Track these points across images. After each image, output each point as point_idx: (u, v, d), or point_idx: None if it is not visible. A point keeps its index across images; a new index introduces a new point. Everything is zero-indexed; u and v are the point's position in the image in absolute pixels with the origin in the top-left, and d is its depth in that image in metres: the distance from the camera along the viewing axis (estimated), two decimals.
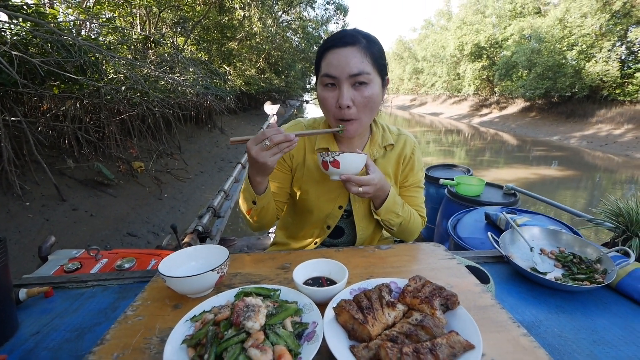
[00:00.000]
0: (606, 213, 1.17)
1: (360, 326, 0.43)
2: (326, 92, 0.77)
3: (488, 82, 18.77)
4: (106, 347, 0.47)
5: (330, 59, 0.75)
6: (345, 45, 0.74)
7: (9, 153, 3.00)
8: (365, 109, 0.77)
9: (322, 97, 0.79)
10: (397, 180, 0.95)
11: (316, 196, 0.90)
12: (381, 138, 0.91)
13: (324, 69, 0.76)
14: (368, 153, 0.89)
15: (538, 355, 0.42)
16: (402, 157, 0.93)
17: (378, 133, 0.92)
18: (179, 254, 0.65)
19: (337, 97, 0.76)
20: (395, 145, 0.93)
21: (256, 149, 0.67)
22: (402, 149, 0.93)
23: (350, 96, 0.75)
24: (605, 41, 11.25)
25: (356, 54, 0.73)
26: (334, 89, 0.76)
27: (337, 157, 0.70)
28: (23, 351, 0.64)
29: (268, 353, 0.38)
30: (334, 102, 0.77)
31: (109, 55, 3.27)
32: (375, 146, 0.90)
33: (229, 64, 9.71)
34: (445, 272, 0.65)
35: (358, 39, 0.75)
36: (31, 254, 2.60)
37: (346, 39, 0.75)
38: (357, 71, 0.73)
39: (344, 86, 0.74)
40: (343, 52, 0.74)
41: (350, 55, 0.73)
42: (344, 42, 0.74)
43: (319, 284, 0.59)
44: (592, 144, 10.10)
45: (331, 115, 0.79)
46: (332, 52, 0.75)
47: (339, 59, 0.74)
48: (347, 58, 0.73)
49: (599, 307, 0.76)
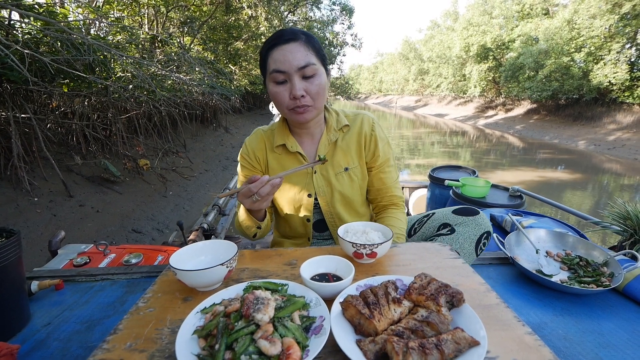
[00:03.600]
0: (614, 216, 1.16)
1: (366, 321, 0.44)
2: (278, 87, 0.81)
3: (494, 83, 18.60)
4: (119, 336, 0.48)
5: (276, 56, 0.78)
6: (287, 42, 0.78)
7: (19, 149, 3.06)
8: (318, 97, 0.82)
9: (274, 93, 0.82)
10: (363, 160, 0.97)
11: (285, 190, 0.95)
12: (336, 122, 0.95)
13: (272, 65, 0.79)
14: (326, 139, 0.93)
15: (542, 353, 0.42)
16: (362, 136, 0.95)
17: (332, 118, 0.95)
18: (188, 249, 0.66)
19: (289, 90, 0.79)
20: (351, 126, 0.96)
21: (248, 202, 0.73)
22: (360, 127, 0.96)
23: (302, 87, 0.79)
24: (614, 43, 11.08)
25: (299, 48, 0.78)
26: (285, 83, 0.80)
27: (375, 250, 0.65)
28: (35, 341, 0.66)
29: (277, 344, 0.39)
30: (287, 95, 0.80)
31: (117, 54, 3.32)
32: (331, 131, 0.94)
33: (234, 64, 9.77)
34: (451, 270, 0.65)
35: (298, 35, 0.79)
36: (39, 248, 2.64)
37: (286, 36, 0.79)
38: (305, 63, 0.77)
39: (295, 78, 0.78)
40: (287, 47, 0.77)
41: (294, 50, 0.77)
42: (285, 40, 0.78)
43: (325, 279, 0.60)
44: (599, 147, 9.96)
45: (285, 107, 0.83)
46: (276, 49, 0.79)
47: (284, 54, 0.77)
48: (292, 53, 0.77)
49: (605, 311, 0.76)
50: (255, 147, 0.97)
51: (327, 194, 0.95)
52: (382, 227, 0.74)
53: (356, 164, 0.96)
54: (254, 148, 0.97)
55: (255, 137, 0.99)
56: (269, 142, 0.97)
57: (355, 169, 0.96)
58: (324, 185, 0.95)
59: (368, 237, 0.70)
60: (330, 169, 0.94)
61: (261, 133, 0.99)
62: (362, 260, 0.67)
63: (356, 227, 0.75)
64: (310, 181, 0.94)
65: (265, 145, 0.97)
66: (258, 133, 0.99)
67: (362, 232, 0.72)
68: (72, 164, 3.79)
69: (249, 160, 0.98)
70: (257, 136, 0.99)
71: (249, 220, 0.86)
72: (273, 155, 0.96)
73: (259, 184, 0.70)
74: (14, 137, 3.00)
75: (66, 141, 4.03)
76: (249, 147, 0.98)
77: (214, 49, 8.55)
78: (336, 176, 0.94)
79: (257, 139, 0.98)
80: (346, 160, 0.95)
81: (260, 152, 0.97)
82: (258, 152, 0.97)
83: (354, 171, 0.96)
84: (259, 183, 0.70)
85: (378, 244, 0.64)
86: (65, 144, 4.01)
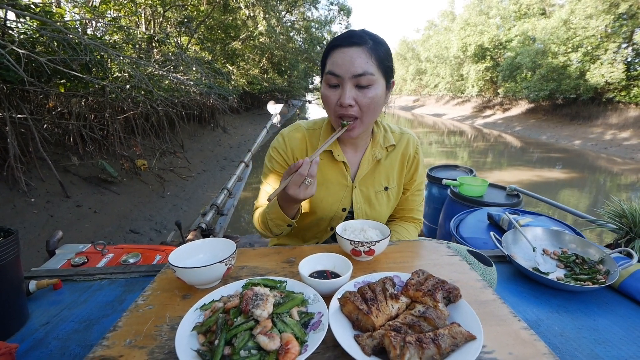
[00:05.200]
0: (609, 214, 1.17)
1: (364, 317, 0.44)
2: (329, 91, 0.78)
3: (492, 83, 18.69)
4: (119, 333, 0.49)
5: (335, 58, 0.75)
6: (351, 45, 0.74)
7: (15, 150, 3.04)
8: (368, 110, 0.77)
9: (325, 95, 0.79)
10: (402, 181, 0.94)
11: (320, 199, 0.89)
12: (383, 139, 0.91)
13: (329, 67, 0.77)
14: (370, 154, 0.89)
15: (538, 348, 0.43)
16: (407, 157, 0.92)
17: (379, 134, 0.91)
18: (187, 247, 0.67)
19: (339, 96, 0.76)
20: (397, 145, 0.92)
21: (302, 190, 0.69)
22: (405, 148, 0.92)
23: (353, 95, 0.75)
24: (610, 43, 11.16)
25: (361, 55, 0.73)
26: (337, 88, 0.77)
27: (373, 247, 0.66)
28: (34, 340, 0.65)
29: (276, 340, 0.39)
30: (336, 100, 0.77)
31: (114, 54, 3.30)
32: (377, 147, 0.90)
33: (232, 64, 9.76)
34: (448, 268, 0.66)
35: (365, 40, 0.75)
36: (36, 249, 2.63)
37: (353, 39, 0.75)
38: (361, 71, 0.73)
39: (347, 85, 0.74)
40: (349, 51, 0.74)
41: (355, 55, 0.73)
42: (350, 42, 0.74)
43: (323, 276, 0.60)
44: (596, 147, 10.03)
45: (332, 112, 0.80)
46: (338, 51, 0.75)
47: (344, 58, 0.74)
48: (352, 58, 0.73)
49: (601, 308, 0.76)
50: (295, 146, 0.89)
51: (364, 212, 0.91)
52: (380, 225, 0.74)
53: (395, 185, 0.93)
54: (293, 147, 0.89)
55: (296, 133, 0.90)
56: (311, 144, 0.89)
57: (394, 189, 0.93)
58: (362, 202, 0.90)
59: (366, 234, 0.71)
60: (370, 187, 0.90)
61: (303, 131, 0.91)
62: (360, 257, 0.68)
63: (354, 225, 0.75)
64: (348, 195, 0.89)
65: (307, 146, 0.90)
66: (300, 130, 0.91)
67: (360, 229, 0.73)
68: (69, 164, 3.77)
69: (285, 158, 0.90)
70: (299, 133, 0.90)
71: (280, 218, 0.80)
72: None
73: (306, 165, 0.66)
74: (10, 137, 2.99)
75: (63, 142, 4.01)
76: (288, 143, 0.90)
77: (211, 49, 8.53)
78: (376, 195, 0.91)
79: (299, 137, 0.90)
80: (387, 180, 0.92)
81: (300, 154, 0.90)
82: (297, 153, 0.90)
83: (392, 191, 0.93)
84: (306, 165, 0.66)
85: (376, 241, 0.65)
86: (62, 145, 3.99)
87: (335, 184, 0.88)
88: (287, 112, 16.50)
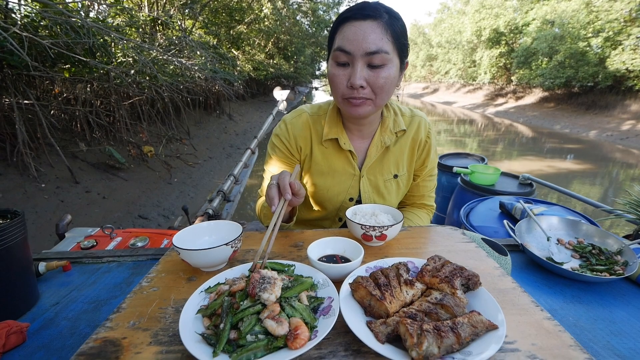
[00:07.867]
0: (629, 204, 1.11)
1: (377, 302, 0.42)
2: (338, 70, 0.69)
3: (505, 70, 17.99)
4: (122, 315, 0.48)
5: (346, 32, 0.67)
6: (365, 18, 0.66)
7: (24, 135, 3.07)
8: (381, 92, 0.69)
9: (332, 75, 0.70)
10: (412, 167, 0.89)
11: (326, 188, 0.85)
12: (393, 123, 0.83)
13: (338, 42, 0.68)
14: (379, 140, 0.83)
15: (563, 339, 0.40)
16: (417, 143, 0.86)
17: (389, 117, 0.83)
18: (193, 228, 0.65)
19: (348, 76, 0.68)
20: (408, 130, 0.85)
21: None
22: (416, 132, 0.86)
23: (364, 76, 0.67)
24: (634, 27, 10.52)
25: (375, 30, 0.65)
26: (346, 66, 0.69)
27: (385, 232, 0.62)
28: (44, 320, 0.66)
29: (284, 325, 0.37)
30: (344, 81, 0.69)
31: (117, 38, 3.25)
32: (386, 132, 0.82)
33: (237, 48, 9.56)
34: (463, 254, 0.63)
35: (380, 13, 0.66)
36: (47, 233, 2.70)
37: (366, 11, 0.66)
38: (375, 49, 0.65)
39: (358, 64, 0.66)
40: (362, 25, 0.65)
41: (369, 30, 0.65)
42: (363, 15, 0.66)
43: (333, 261, 0.58)
44: (612, 137, 9.68)
45: (339, 95, 0.71)
46: (349, 24, 0.67)
47: (356, 32, 0.65)
48: (365, 33, 0.65)
49: (617, 299, 0.74)
50: (297, 133, 0.83)
51: (372, 202, 0.85)
52: (392, 210, 0.71)
53: (405, 171, 0.87)
54: (295, 134, 0.83)
55: (299, 120, 0.84)
56: (315, 131, 0.83)
57: (404, 176, 0.87)
58: (370, 192, 0.85)
59: (377, 219, 0.68)
60: (379, 175, 0.85)
61: (307, 117, 0.84)
62: (370, 242, 0.65)
63: (365, 209, 0.72)
64: (355, 184, 0.84)
65: (310, 133, 0.83)
66: (303, 116, 0.84)
67: (371, 214, 0.70)
68: (76, 150, 3.81)
69: (288, 147, 0.85)
70: (302, 120, 0.84)
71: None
72: (320, 148, 0.83)
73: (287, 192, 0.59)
74: (18, 123, 3.01)
75: (70, 127, 4.04)
76: (290, 131, 0.83)
77: (216, 33, 8.35)
78: (385, 183, 0.85)
79: (302, 124, 0.84)
80: (396, 167, 0.86)
81: (304, 142, 0.84)
82: (300, 141, 0.84)
83: (402, 179, 0.87)
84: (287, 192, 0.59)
85: (388, 226, 0.62)
86: (69, 131, 4.02)
87: (341, 172, 0.84)
88: (294, 99, 16.34)
